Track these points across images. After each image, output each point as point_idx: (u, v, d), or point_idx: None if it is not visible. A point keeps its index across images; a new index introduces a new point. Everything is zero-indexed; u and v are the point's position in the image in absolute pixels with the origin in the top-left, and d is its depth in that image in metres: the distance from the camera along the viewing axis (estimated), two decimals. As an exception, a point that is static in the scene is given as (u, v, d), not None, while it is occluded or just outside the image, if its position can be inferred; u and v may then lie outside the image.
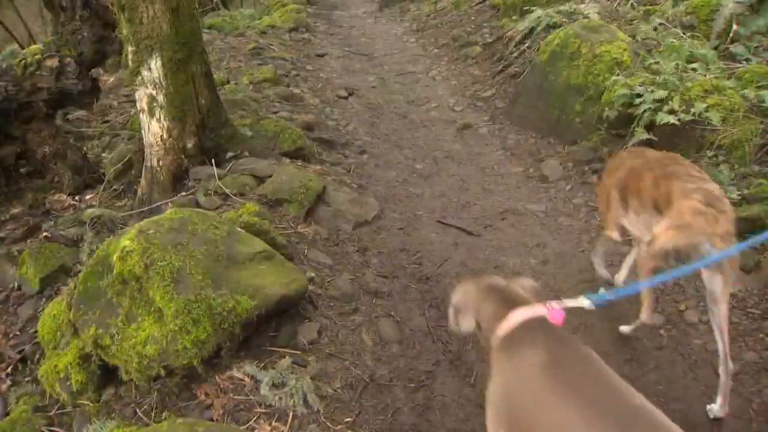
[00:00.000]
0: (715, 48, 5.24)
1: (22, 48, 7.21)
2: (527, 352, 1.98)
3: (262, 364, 2.63)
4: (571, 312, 2.08)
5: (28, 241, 3.94)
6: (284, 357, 2.66)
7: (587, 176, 4.77)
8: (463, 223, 4.32)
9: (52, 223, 4.12)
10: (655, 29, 5.68)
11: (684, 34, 5.40)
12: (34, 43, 6.99)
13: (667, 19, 5.81)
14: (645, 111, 4.48)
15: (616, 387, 1.81)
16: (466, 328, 2.21)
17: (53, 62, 4.45)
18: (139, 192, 4.25)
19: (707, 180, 2.81)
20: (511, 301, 2.14)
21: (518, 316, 2.06)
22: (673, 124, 4.25)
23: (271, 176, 4.08)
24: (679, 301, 3.42)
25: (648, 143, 4.39)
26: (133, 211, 4.07)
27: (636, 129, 4.50)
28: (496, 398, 2.07)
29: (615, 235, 3.27)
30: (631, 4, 6.68)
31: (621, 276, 3.56)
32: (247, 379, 2.56)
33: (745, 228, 3.56)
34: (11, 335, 3.15)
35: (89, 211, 4.06)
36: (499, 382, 2.06)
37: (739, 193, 3.81)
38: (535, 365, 1.93)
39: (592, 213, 4.33)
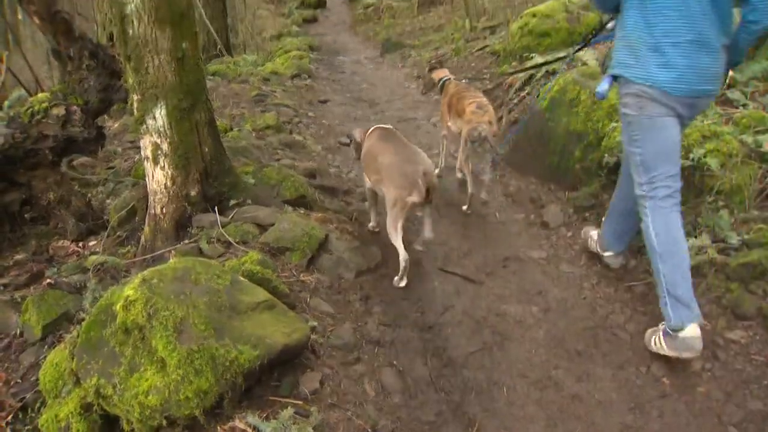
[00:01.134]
0: (713, 94, 5.30)
1: (29, 93, 7.30)
2: (374, 134, 4.58)
3: (264, 415, 2.61)
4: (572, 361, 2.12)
5: (32, 287, 3.94)
6: (286, 407, 2.64)
7: (588, 222, 4.79)
8: (465, 271, 4.33)
9: (56, 269, 4.12)
10: (654, 75, 5.74)
11: (681, 80, 5.46)
12: (41, 88, 7.09)
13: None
14: (645, 158, 4.51)
15: (410, 145, 4.30)
16: (356, 139, 4.87)
17: (60, 110, 4.51)
18: (143, 239, 4.26)
19: (481, 96, 5.35)
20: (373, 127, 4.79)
21: (374, 127, 4.70)
22: (672, 170, 4.28)
23: (273, 224, 4.10)
24: (681, 349, 3.40)
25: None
26: (137, 259, 4.08)
27: (635, 175, 4.52)
28: (363, 156, 4.62)
29: (445, 131, 5.81)
30: (629, 49, 6.75)
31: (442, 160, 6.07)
32: (249, 430, 2.54)
33: (746, 274, 3.58)
34: (12, 383, 3.13)
35: (93, 257, 4.07)
36: (364, 149, 4.63)
37: (739, 238, 3.82)
38: (375, 137, 4.52)
39: (593, 260, 4.34)
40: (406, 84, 9.98)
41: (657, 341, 3.36)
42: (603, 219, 4.21)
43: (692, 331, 3.17)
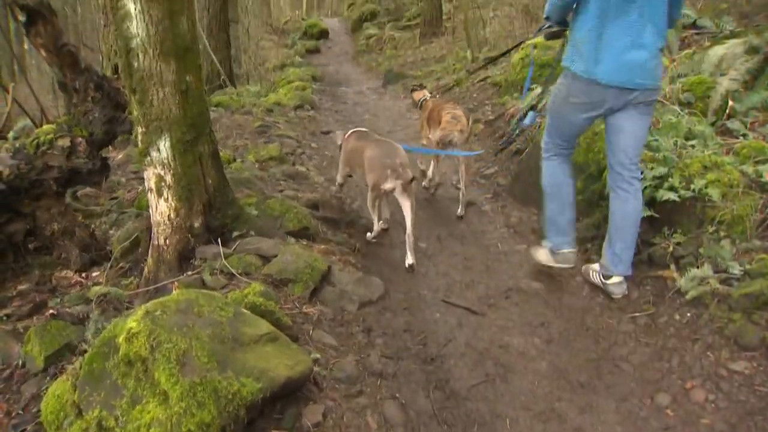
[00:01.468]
0: (713, 124, 5.33)
1: (34, 122, 7.36)
2: (352, 135, 5.51)
3: (267, 448, 2.61)
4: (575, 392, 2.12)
5: (34, 317, 3.95)
6: (289, 440, 2.64)
7: (590, 253, 4.80)
8: (467, 303, 4.33)
9: (59, 300, 4.13)
10: (654, 107, 5.79)
11: (682, 111, 5.51)
12: (46, 118, 7.15)
13: (664, 96, 5.93)
14: (646, 188, 4.52)
15: (389, 142, 5.15)
16: (338, 141, 5.88)
17: (65, 142, 4.54)
18: (146, 270, 4.27)
19: (457, 108, 5.99)
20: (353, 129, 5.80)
21: (352, 131, 5.63)
22: (673, 200, 4.30)
23: (276, 256, 4.12)
24: (685, 380, 3.40)
25: (650, 220, 4.44)
26: (139, 290, 4.09)
27: (637, 206, 4.54)
28: (344, 155, 5.60)
29: (425, 141, 6.32)
30: (630, 82, 6.81)
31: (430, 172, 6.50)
32: (251, 463, 2.55)
33: (749, 305, 3.57)
34: (14, 414, 3.11)
35: (95, 288, 4.08)
36: (344, 149, 5.61)
37: (741, 268, 3.82)
38: (354, 138, 5.46)
39: (595, 290, 4.35)
40: (408, 115, 10.04)
41: (545, 257, 4.55)
42: (603, 246, 4.35)
43: (568, 251, 4.44)
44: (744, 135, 5.06)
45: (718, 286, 3.75)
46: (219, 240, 4.22)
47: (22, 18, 4.27)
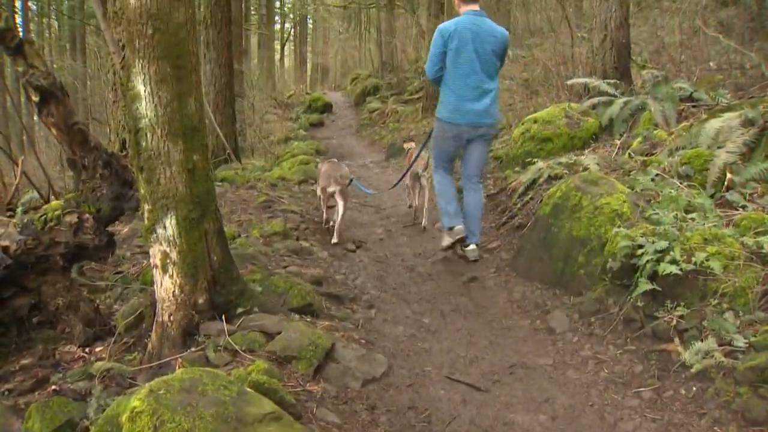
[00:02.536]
0: (712, 196, 5.39)
1: (41, 195, 7.45)
2: (325, 163, 7.88)
3: None
4: None
5: (36, 393, 3.93)
6: None
7: (594, 328, 4.80)
8: (471, 379, 4.31)
9: (61, 375, 4.12)
10: (653, 180, 5.87)
11: (681, 183, 5.58)
12: (53, 190, 7.23)
13: (663, 169, 6.01)
14: (647, 262, 4.55)
15: (339, 164, 7.96)
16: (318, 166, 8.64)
17: (72, 218, 4.60)
18: (150, 346, 4.27)
19: (424, 154, 7.46)
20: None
21: (326, 160, 8.24)
22: (675, 274, 4.32)
23: (280, 333, 4.12)
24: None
25: (653, 294, 4.46)
26: (143, 366, 4.09)
27: (639, 280, 4.56)
28: (318, 176, 7.92)
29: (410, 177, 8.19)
30: (629, 153, 6.91)
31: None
32: None
33: (755, 378, 3.55)
34: (13, 493, 3.10)
35: (98, 364, 4.08)
36: (320, 170, 7.92)
37: (746, 340, 3.81)
38: (325, 164, 7.84)
39: (600, 365, 4.34)
40: (410, 189, 10.13)
41: (446, 239, 6.45)
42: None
43: (457, 226, 6.27)
44: (743, 206, 5.11)
45: (723, 359, 3.74)
46: (223, 316, 4.24)
47: (35, 98, 4.37)
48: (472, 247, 6.29)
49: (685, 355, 3.97)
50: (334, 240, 7.20)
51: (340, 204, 7.20)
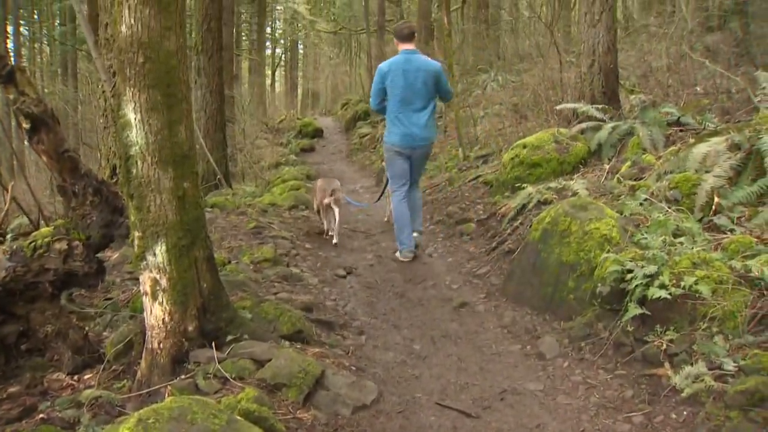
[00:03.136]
0: (700, 220, 5.44)
1: (30, 220, 7.42)
2: (320, 180, 9.28)
3: None
4: None
5: (24, 421, 3.90)
6: None
7: (584, 353, 4.80)
8: (462, 405, 4.30)
9: (49, 403, 4.10)
10: (642, 204, 5.91)
11: (669, 208, 5.62)
12: (42, 215, 7.20)
13: (652, 194, 6.05)
14: (637, 286, 4.58)
15: (332, 179, 9.14)
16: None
17: (62, 245, 4.59)
18: (139, 374, 4.25)
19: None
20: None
21: (321, 179, 9.69)
22: (665, 298, 4.34)
23: (270, 360, 4.12)
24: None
25: (642, 318, 4.49)
26: (132, 394, 4.07)
27: (629, 304, 4.58)
28: (315, 191, 8.97)
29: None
30: (618, 178, 6.96)
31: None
32: None
33: (745, 402, 3.55)
34: None
35: (87, 392, 4.07)
36: (315, 186, 9.08)
37: (736, 364, 3.83)
38: (320, 181, 9.16)
39: (590, 390, 4.34)
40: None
41: (398, 255, 7.61)
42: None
43: (409, 250, 7.48)
44: (731, 230, 5.15)
45: (713, 383, 3.75)
46: (213, 344, 4.23)
47: (26, 125, 4.38)
48: (415, 234, 7.66)
49: (675, 380, 3.98)
50: (335, 241, 8.35)
51: (336, 211, 8.28)
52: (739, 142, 5.93)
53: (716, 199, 5.48)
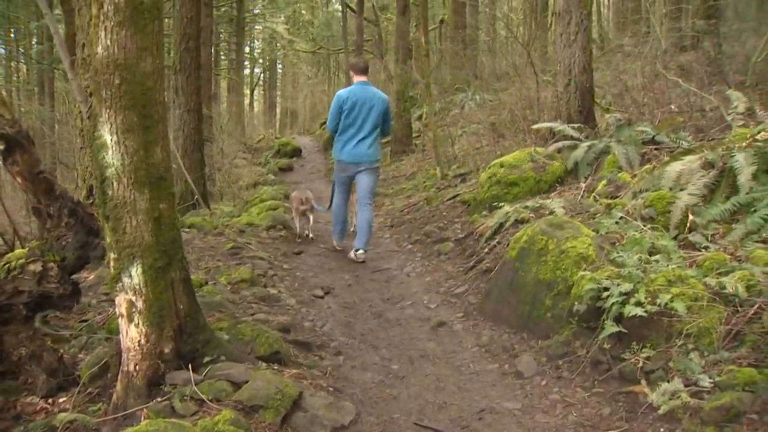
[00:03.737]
0: (675, 238, 5.50)
1: (5, 240, 7.35)
2: (295, 191, 10.48)
3: None
4: None
5: (-5, 447, 3.87)
6: None
7: (562, 371, 4.82)
8: (440, 425, 4.29)
9: (23, 428, 4.05)
10: (617, 222, 5.97)
11: (645, 226, 5.68)
12: (17, 235, 7.14)
13: (627, 212, 6.11)
14: (613, 304, 4.61)
15: (305, 190, 10.46)
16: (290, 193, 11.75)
17: (36, 267, 4.54)
18: (115, 397, 4.21)
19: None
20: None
21: (296, 190, 10.82)
22: (641, 315, 4.38)
23: (247, 381, 4.09)
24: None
25: (619, 336, 4.52)
26: (108, 417, 4.03)
27: (605, 322, 4.61)
28: (291, 200, 10.12)
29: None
30: (594, 196, 7.02)
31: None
32: None
33: (720, 418, 3.59)
34: None
35: (62, 415, 4.01)
36: (291, 196, 10.42)
37: (711, 381, 3.87)
38: (295, 191, 10.29)
39: (568, 408, 4.36)
40: (379, 233, 10.15)
41: (334, 244, 9.12)
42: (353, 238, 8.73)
43: (341, 243, 9.03)
44: (706, 247, 5.22)
45: (689, 399, 3.78)
46: (190, 366, 4.19)
47: (0, 146, 4.35)
48: (360, 252, 8.38)
49: (652, 397, 4.01)
50: (311, 236, 9.75)
51: (310, 217, 9.65)
52: (712, 160, 6.02)
53: (690, 217, 5.55)
